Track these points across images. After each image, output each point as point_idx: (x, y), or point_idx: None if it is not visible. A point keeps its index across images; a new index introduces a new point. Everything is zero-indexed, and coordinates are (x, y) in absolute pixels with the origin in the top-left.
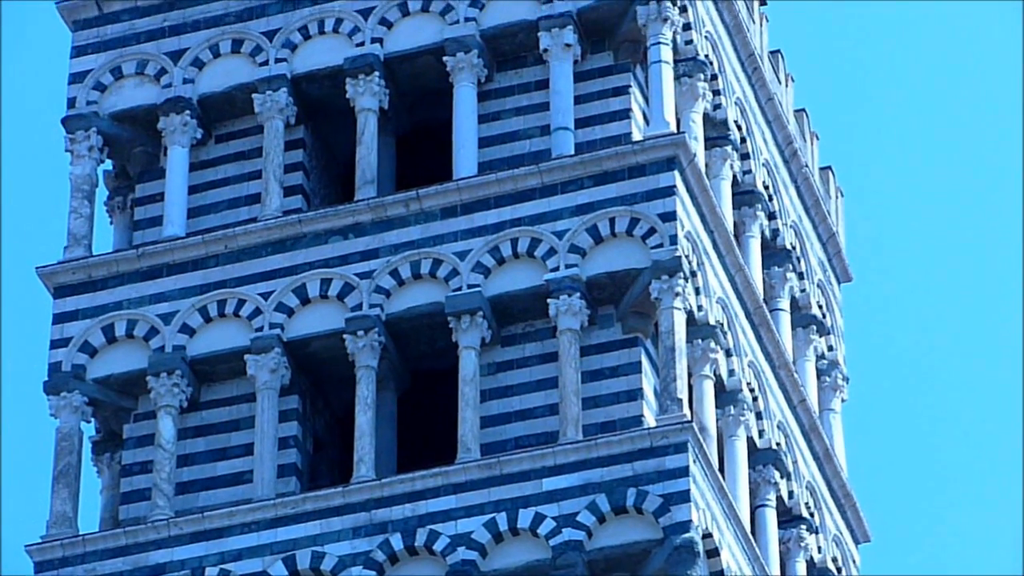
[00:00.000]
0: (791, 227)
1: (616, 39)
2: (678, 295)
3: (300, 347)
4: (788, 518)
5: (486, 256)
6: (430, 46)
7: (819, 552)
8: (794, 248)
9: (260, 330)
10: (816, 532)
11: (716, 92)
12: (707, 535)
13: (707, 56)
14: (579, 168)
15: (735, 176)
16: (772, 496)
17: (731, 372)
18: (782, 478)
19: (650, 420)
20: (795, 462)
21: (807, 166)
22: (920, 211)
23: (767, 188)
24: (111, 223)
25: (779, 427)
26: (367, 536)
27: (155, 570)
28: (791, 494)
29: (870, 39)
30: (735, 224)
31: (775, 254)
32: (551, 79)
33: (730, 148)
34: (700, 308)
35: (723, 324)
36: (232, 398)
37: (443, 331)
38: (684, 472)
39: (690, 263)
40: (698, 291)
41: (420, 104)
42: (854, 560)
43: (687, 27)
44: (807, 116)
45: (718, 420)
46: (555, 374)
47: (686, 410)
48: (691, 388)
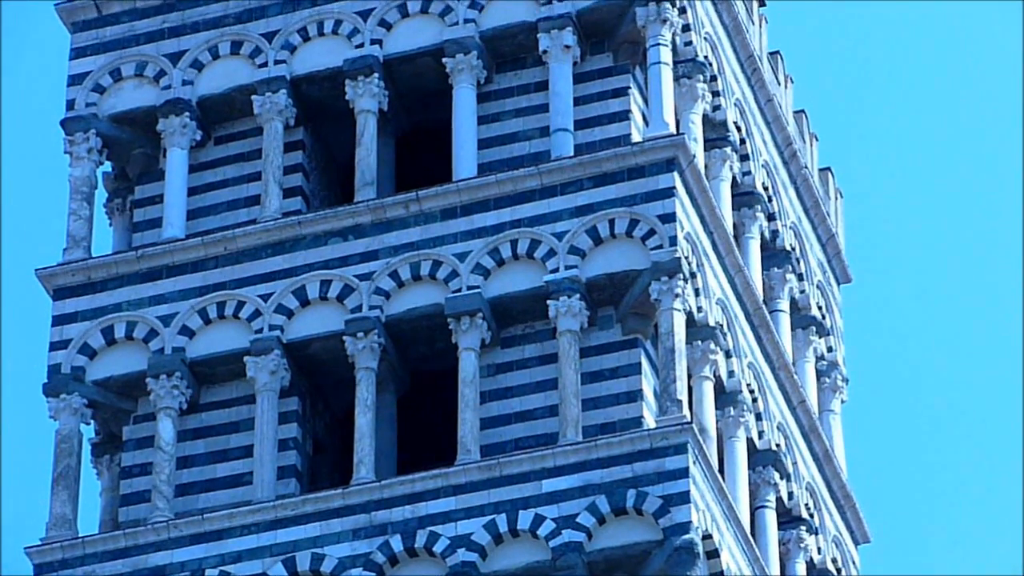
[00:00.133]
0: (791, 228)
1: (615, 40)
2: (678, 296)
3: (300, 349)
4: (788, 519)
5: (486, 257)
6: (429, 47)
7: (819, 553)
8: (794, 249)
9: (260, 332)
10: (816, 533)
11: (715, 93)
12: (707, 536)
13: (706, 57)
14: (579, 169)
15: (734, 177)
16: (772, 497)
17: (731, 373)
18: (782, 479)
19: (650, 421)
20: (795, 463)
21: (806, 167)
22: (919, 212)
23: (767, 189)
24: (110, 225)
25: (779, 428)
26: (367, 538)
27: (155, 572)
28: (791, 495)
29: (869, 40)
30: (735, 225)
31: (775, 255)
32: (550, 80)
33: (729, 149)
34: (700, 309)
35: (723, 325)
36: (232, 400)
37: (443, 332)
38: (684, 473)
39: (690, 264)
40: (698, 292)
41: (419, 105)
42: (854, 561)
43: (686, 28)
44: (806, 117)
45: (718, 421)
46: (555, 375)
47: (686, 411)
48: (691, 389)
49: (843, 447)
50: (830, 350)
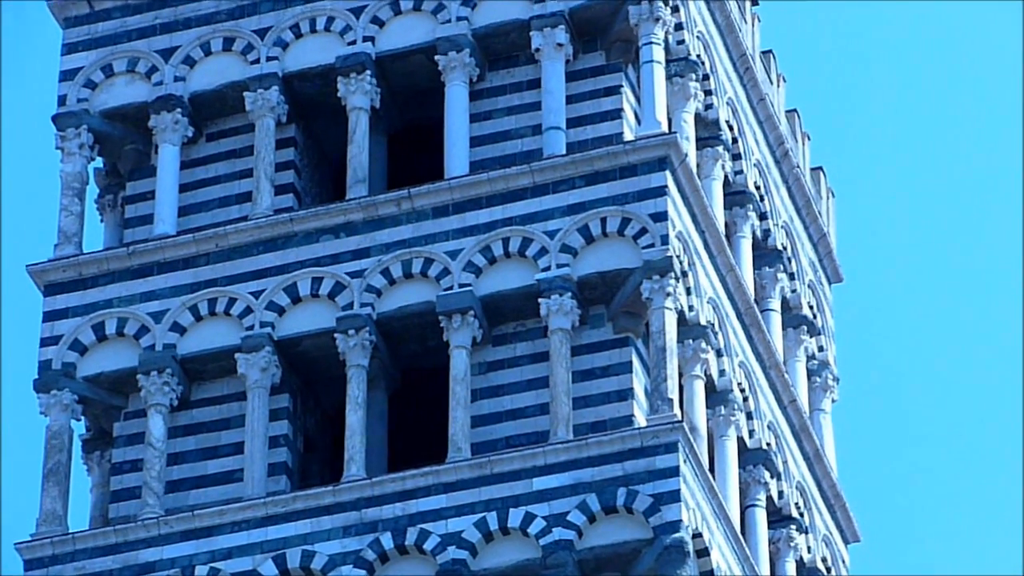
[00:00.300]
0: (782, 227)
1: (608, 39)
2: (669, 295)
3: (291, 346)
4: (778, 518)
5: (477, 255)
6: (422, 45)
7: (809, 552)
8: (785, 248)
9: (251, 329)
10: (806, 532)
11: (708, 92)
12: (697, 535)
13: (699, 56)
14: (570, 168)
15: (726, 176)
16: (762, 496)
17: (722, 372)
18: (772, 478)
19: (641, 420)
20: (785, 462)
21: (798, 166)
22: (911, 212)
23: (758, 188)
24: (102, 221)
25: (769, 427)
26: (357, 535)
27: (145, 568)
28: (781, 494)
29: (862, 39)
30: (726, 224)
31: (766, 254)
32: (543, 78)
33: (721, 148)
34: (691, 308)
35: (714, 324)
36: (222, 397)
37: (434, 330)
38: (674, 472)
39: (681, 263)
40: (689, 291)
41: (412, 103)
42: (843, 560)
43: (679, 27)
44: (799, 116)
45: (708, 420)
46: (546, 374)
47: (677, 410)
48: (682, 388)
49: (833, 446)
50: (821, 349)
